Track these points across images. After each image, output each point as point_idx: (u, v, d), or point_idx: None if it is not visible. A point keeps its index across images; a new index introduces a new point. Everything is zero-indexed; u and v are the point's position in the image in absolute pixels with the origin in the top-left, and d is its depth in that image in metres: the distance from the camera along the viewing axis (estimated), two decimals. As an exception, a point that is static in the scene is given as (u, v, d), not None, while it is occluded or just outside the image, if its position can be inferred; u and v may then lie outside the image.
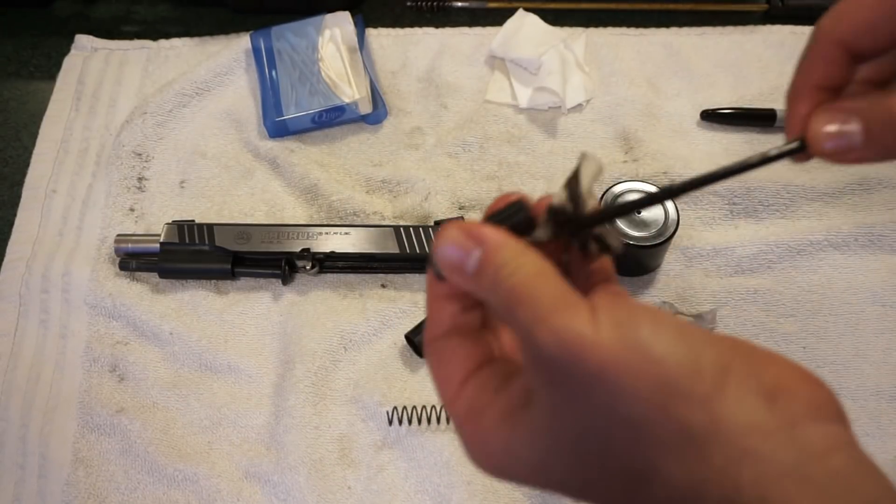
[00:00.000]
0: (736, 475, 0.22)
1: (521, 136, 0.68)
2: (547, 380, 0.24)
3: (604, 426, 0.23)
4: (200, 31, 0.76)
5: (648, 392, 0.22)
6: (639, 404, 0.22)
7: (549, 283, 0.24)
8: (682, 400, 0.22)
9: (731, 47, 0.73)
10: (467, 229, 0.26)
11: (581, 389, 0.23)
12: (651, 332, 0.23)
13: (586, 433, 0.24)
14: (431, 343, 0.29)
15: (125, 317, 0.60)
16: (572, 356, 0.23)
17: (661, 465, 0.23)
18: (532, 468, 0.26)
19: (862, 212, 0.63)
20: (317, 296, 0.61)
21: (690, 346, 0.23)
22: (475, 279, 0.25)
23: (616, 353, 0.22)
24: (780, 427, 0.22)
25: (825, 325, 0.59)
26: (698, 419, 0.22)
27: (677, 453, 0.22)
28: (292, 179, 0.66)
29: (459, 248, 0.26)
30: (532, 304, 0.24)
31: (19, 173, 0.68)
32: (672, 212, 0.58)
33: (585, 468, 0.24)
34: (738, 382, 0.23)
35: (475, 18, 0.77)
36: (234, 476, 0.54)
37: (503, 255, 0.25)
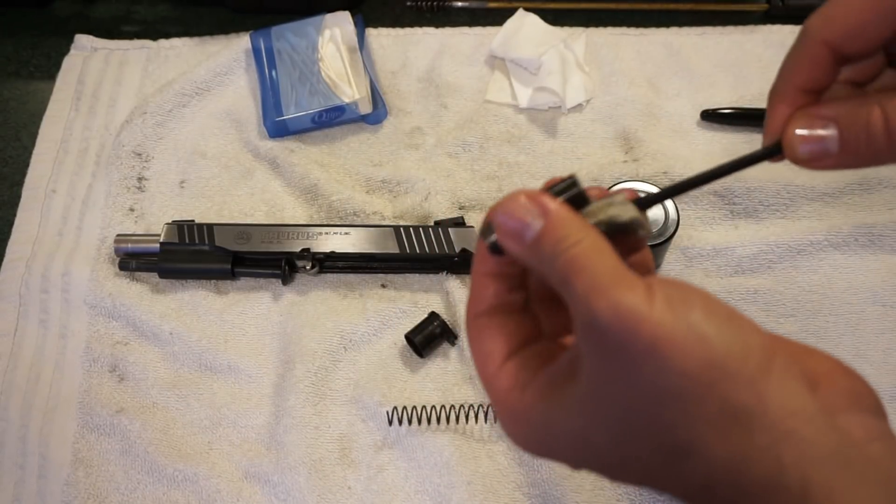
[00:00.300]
0: (779, 455, 0.22)
1: (521, 136, 0.68)
2: (599, 349, 0.24)
3: (651, 399, 0.24)
4: (200, 31, 0.76)
5: (698, 369, 0.23)
6: (688, 380, 0.23)
7: (609, 258, 0.25)
8: (729, 379, 0.23)
9: (732, 47, 0.73)
10: (531, 197, 0.26)
11: (632, 361, 0.23)
12: (703, 314, 0.23)
13: (633, 405, 0.24)
14: (474, 319, 0.29)
15: (125, 317, 0.60)
16: (627, 328, 0.23)
17: (704, 441, 0.23)
18: (573, 439, 0.26)
19: (862, 212, 0.63)
20: (317, 296, 0.61)
21: (739, 330, 0.24)
22: (532, 248, 0.26)
23: (669, 330, 0.23)
24: (821, 413, 0.23)
25: (825, 325, 0.59)
26: (744, 399, 0.23)
27: (722, 430, 0.23)
28: (292, 179, 0.66)
29: (521, 216, 0.26)
30: (591, 275, 0.24)
31: (19, 173, 0.68)
32: (672, 212, 0.58)
33: (628, 440, 0.25)
34: (782, 368, 0.23)
35: (475, 18, 0.77)
36: (234, 476, 0.54)
37: (565, 228, 0.25)
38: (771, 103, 0.30)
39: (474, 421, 0.55)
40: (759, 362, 0.23)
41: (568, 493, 0.52)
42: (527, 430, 0.27)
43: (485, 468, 0.54)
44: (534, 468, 0.53)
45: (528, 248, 0.26)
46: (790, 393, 0.23)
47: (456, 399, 0.56)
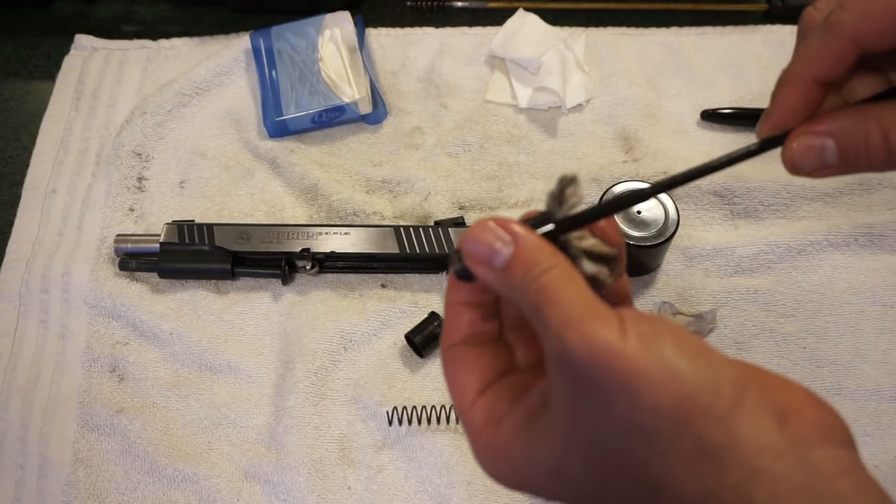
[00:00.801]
0: (750, 493, 0.22)
1: (521, 136, 0.68)
2: (571, 383, 0.24)
3: (624, 435, 0.24)
4: (200, 31, 0.76)
5: (670, 405, 0.23)
6: (660, 416, 0.23)
7: (580, 289, 0.25)
8: (701, 415, 0.23)
9: (731, 47, 0.73)
10: (501, 224, 0.26)
11: (604, 396, 0.23)
12: (675, 349, 0.23)
13: (606, 440, 0.24)
14: (448, 350, 0.29)
15: (125, 317, 0.60)
16: (600, 363, 0.23)
17: (675, 478, 0.23)
18: (549, 472, 0.26)
19: (862, 212, 0.63)
20: (317, 296, 0.61)
21: (710, 365, 0.24)
22: (503, 274, 0.26)
23: (641, 366, 0.23)
24: (791, 448, 0.23)
25: (825, 325, 0.59)
26: (716, 435, 0.23)
27: (693, 467, 0.23)
28: (292, 179, 0.66)
29: (490, 242, 0.26)
30: (563, 306, 0.24)
31: (19, 173, 0.68)
32: (672, 212, 0.58)
33: (601, 475, 0.25)
34: (753, 402, 0.23)
35: (475, 18, 0.77)
36: (234, 476, 0.54)
37: (536, 255, 0.25)
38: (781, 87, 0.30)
39: (474, 421, 0.55)
40: (731, 396, 0.23)
41: (568, 493, 0.52)
42: (502, 464, 0.27)
43: (485, 468, 0.54)
44: (534, 468, 0.53)
45: (497, 274, 0.26)
46: (761, 428, 0.23)
47: (456, 399, 0.56)
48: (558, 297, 0.24)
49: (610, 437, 0.24)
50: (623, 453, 0.24)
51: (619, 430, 0.24)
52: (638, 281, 0.61)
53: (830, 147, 0.29)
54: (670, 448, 0.23)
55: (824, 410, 0.25)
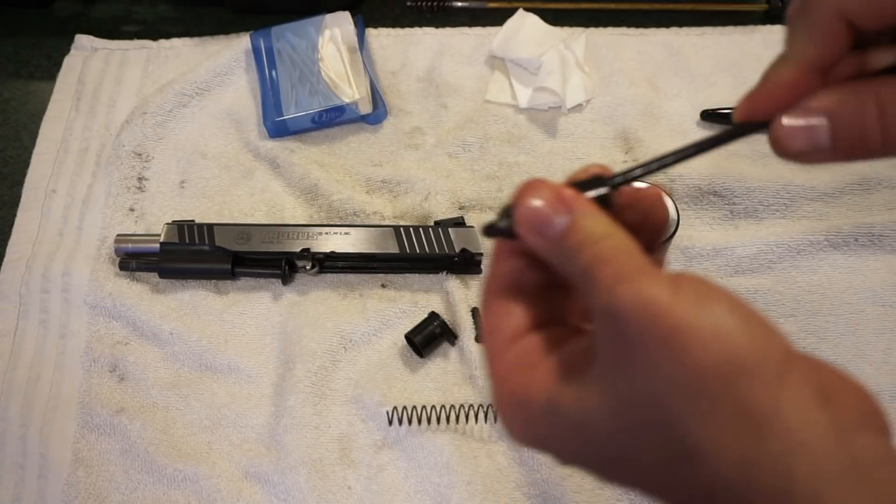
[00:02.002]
0: (791, 466, 0.21)
1: (521, 136, 0.68)
2: (615, 336, 0.23)
3: (663, 390, 0.23)
4: (200, 31, 0.76)
5: (715, 364, 0.22)
6: (703, 374, 0.22)
7: (636, 254, 0.24)
8: (747, 378, 0.22)
9: (731, 47, 0.73)
10: (558, 193, 0.26)
11: (649, 350, 0.23)
12: (726, 310, 0.23)
13: (643, 395, 0.23)
14: (489, 296, 0.28)
15: (125, 317, 0.60)
16: (648, 316, 0.22)
17: (713, 441, 0.22)
18: (573, 429, 0.25)
19: (862, 212, 0.63)
20: (317, 296, 0.61)
21: (761, 331, 0.23)
22: (557, 243, 0.25)
23: (690, 322, 0.22)
24: (833, 428, 0.22)
25: (825, 325, 0.59)
26: (761, 401, 0.22)
27: (733, 431, 0.22)
28: (292, 179, 0.66)
29: (545, 212, 0.25)
30: (617, 265, 0.24)
31: (19, 173, 0.68)
32: (672, 212, 0.58)
33: (632, 432, 0.24)
34: (799, 376, 0.23)
35: (475, 18, 0.77)
36: (234, 476, 0.54)
37: (592, 226, 0.25)
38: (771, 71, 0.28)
39: (474, 421, 0.55)
40: (778, 366, 0.22)
41: (568, 493, 0.52)
42: (524, 416, 0.26)
43: (485, 468, 0.54)
44: (534, 468, 0.53)
45: (551, 242, 0.25)
46: (805, 403, 0.22)
47: (456, 399, 0.56)
48: (613, 258, 0.24)
49: (648, 394, 0.23)
50: (660, 412, 0.23)
51: (660, 386, 0.23)
52: (638, 281, 0.61)
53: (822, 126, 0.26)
54: (711, 408, 0.22)
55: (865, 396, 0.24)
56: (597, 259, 0.24)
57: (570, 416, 0.25)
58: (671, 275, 0.23)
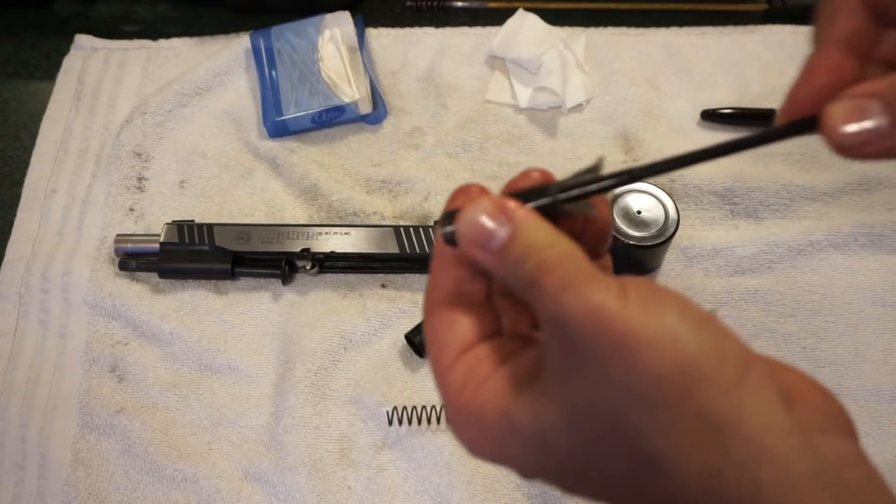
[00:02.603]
0: (755, 473, 0.21)
1: (521, 136, 0.68)
2: (565, 347, 0.23)
3: (619, 401, 0.22)
4: (200, 31, 0.76)
5: (670, 371, 0.21)
6: (659, 382, 0.21)
7: (582, 261, 0.23)
8: (704, 384, 0.21)
9: (731, 47, 0.73)
10: (499, 204, 0.25)
11: (600, 359, 0.22)
12: (678, 316, 0.22)
13: (599, 407, 0.22)
14: (431, 308, 0.27)
15: (125, 317, 0.60)
16: (597, 324, 0.22)
17: (674, 451, 0.21)
18: (530, 443, 0.24)
19: (862, 212, 0.63)
20: (317, 296, 0.61)
21: (715, 335, 0.22)
22: (498, 256, 0.24)
23: (641, 329, 0.21)
24: (797, 430, 0.22)
25: (825, 325, 0.59)
26: (719, 407, 0.21)
27: (693, 440, 0.21)
28: (292, 179, 0.66)
29: (486, 225, 0.24)
30: (563, 273, 0.23)
31: (19, 173, 0.68)
32: (672, 212, 0.58)
33: (590, 445, 0.23)
34: (758, 379, 0.22)
35: (475, 18, 0.77)
36: (234, 476, 0.54)
37: (535, 237, 0.24)
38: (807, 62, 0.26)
39: (474, 421, 0.55)
40: (735, 370, 0.22)
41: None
42: (478, 430, 0.25)
43: (485, 468, 0.54)
44: (534, 468, 0.53)
45: (493, 255, 0.24)
46: (766, 406, 0.22)
47: (456, 399, 0.56)
48: (559, 266, 0.23)
49: (604, 405, 0.22)
50: (617, 423, 0.22)
51: (615, 396, 0.22)
52: (638, 281, 0.61)
53: (875, 108, 0.24)
54: (669, 418, 0.21)
55: (828, 398, 0.24)
56: (541, 268, 0.23)
57: (527, 430, 0.24)
58: (618, 280, 0.23)
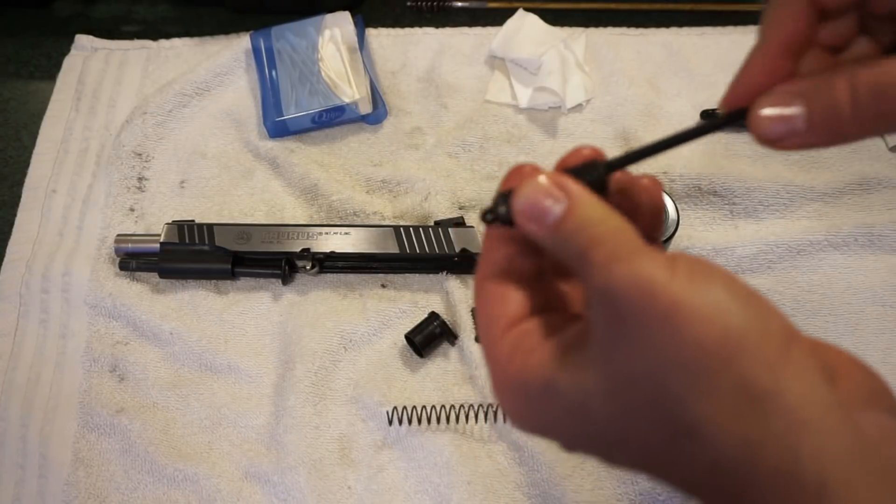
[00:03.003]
0: (795, 445, 0.21)
1: (521, 136, 0.68)
2: (612, 316, 0.23)
3: (662, 369, 0.22)
4: (200, 31, 0.76)
5: (714, 342, 0.22)
6: (703, 352, 0.22)
7: (632, 235, 0.24)
8: (748, 356, 0.22)
9: (731, 47, 0.73)
10: (554, 180, 0.26)
11: (646, 328, 0.22)
12: (724, 289, 0.22)
13: (642, 375, 0.23)
14: (482, 281, 0.28)
15: (125, 317, 0.60)
16: (644, 294, 0.22)
17: (715, 420, 0.22)
18: (573, 412, 0.25)
19: (862, 212, 0.63)
20: (317, 296, 0.61)
21: (760, 310, 0.23)
22: (553, 229, 0.25)
23: (687, 300, 0.22)
24: (839, 405, 0.22)
25: (825, 325, 0.59)
26: (762, 379, 0.21)
27: (735, 410, 0.22)
28: (292, 179, 0.66)
29: (542, 201, 0.25)
30: (612, 246, 0.24)
31: (19, 173, 0.68)
32: (672, 212, 0.58)
33: (631, 412, 0.23)
34: (801, 355, 0.22)
35: (475, 18, 0.77)
36: (234, 476, 0.54)
37: (590, 213, 0.25)
38: (747, 58, 0.28)
39: (474, 421, 0.55)
40: (779, 344, 0.22)
41: (568, 493, 0.52)
42: (524, 401, 0.26)
43: (485, 468, 0.54)
44: (534, 468, 0.53)
45: (549, 229, 0.25)
46: (808, 381, 0.22)
47: (456, 399, 0.56)
48: (607, 240, 0.24)
49: (647, 373, 0.23)
50: (659, 391, 0.22)
51: (658, 365, 0.22)
52: (638, 281, 0.61)
53: (798, 110, 0.26)
54: (711, 386, 0.22)
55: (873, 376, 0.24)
56: (592, 241, 0.24)
57: (569, 398, 0.24)
58: (668, 254, 0.23)
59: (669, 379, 0.22)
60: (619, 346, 0.23)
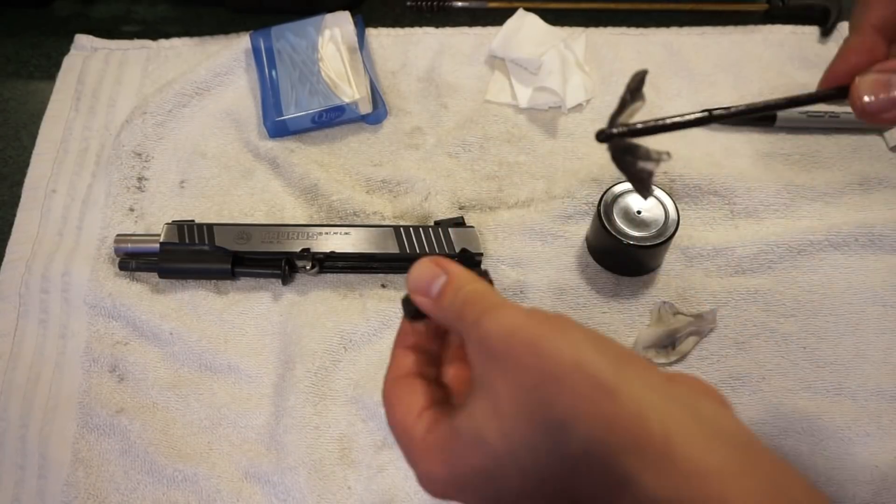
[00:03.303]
0: (643, 420, 0.26)
1: (521, 136, 0.68)
2: (486, 356, 0.29)
3: (533, 382, 0.28)
4: (200, 31, 0.76)
5: (570, 356, 0.27)
6: (559, 363, 0.27)
7: (495, 294, 0.32)
8: (594, 361, 0.27)
9: (732, 47, 0.73)
10: (435, 261, 0.33)
11: (514, 357, 0.28)
12: (570, 323, 0.29)
13: (517, 392, 0.28)
14: (392, 381, 0.34)
15: (125, 317, 0.60)
16: (508, 333, 0.29)
17: (579, 410, 0.27)
18: (470, 444, 0.29)
19: (862, 212, 0.63)
20: (317, 296, 0.61)
21: (599, 335, 0.29)
22: (438, 299, 0.32)
23: (542, 331, 0.28)
24: (676, 395, 0.27)
25: (826, 325, 0.59)
26: (608, 376, 0.27)
27: (592, 399, 0.27)
28: (292, 179, 0.66)
29: (428, 275, 0.33)
30: (482, 303, 0.31)
31: (19, 173, 0.68)
32: (672, 212, 0.58)
33: (516, 427, 0.28)
34: (638, 364, 0.28)
35: (475, 18, 0.77)
36: (234, 476, 0.54)
37: (461, 279, 0.32)
38: (844, 42, 0.33)
39: (474, 421, 0.55)
40: (617, 358, 0.28)
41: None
42: (435, 456, 0.30)
43: (485, 468, 0.53)
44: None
45: (435, 299, 0.32)
46: (647, 376, 0.28)
47: (456, 399, 0.56)
48: (479, 298, 0.31)
49: (521, 390, 0.28)
50: (532, 399, 0.27)
51: (528, 381, 0.27)
52: (638, 281, 0.61)
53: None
54: (571, 383, 0.27)
55: (701, 381, 0.30)
56: (466, 301, 0.31)
57: (466, 431, 0.29)
58: (525, 307, 0.30)
59: (539, 388, 0.27)
60: (495, 377, 0.29)
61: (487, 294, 0.31)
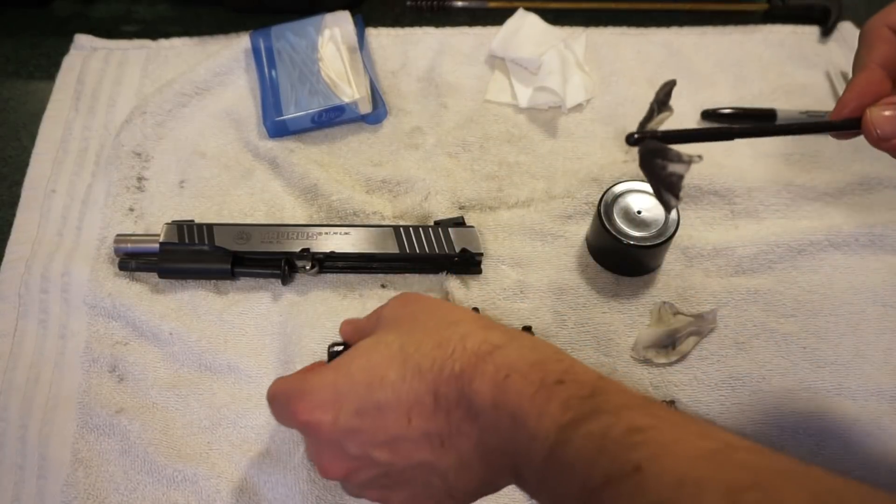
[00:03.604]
0: (459, 339, 0.37)
1: (521, 135, 0.68)
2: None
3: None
4: (200, 31, 0.76)
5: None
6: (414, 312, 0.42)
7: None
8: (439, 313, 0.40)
9: (732, 47, 0.73)
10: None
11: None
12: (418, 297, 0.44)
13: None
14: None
15: (125, 317, 0.60)
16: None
17: (422, 344, 0.38)
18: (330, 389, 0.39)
19: (862, 212, 0.63)
20: (317, 296, 0.61)
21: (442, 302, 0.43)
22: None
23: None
24: (503, 327, 0.39)
25: (826, 325, 0.59)
26: (454, 314, 0.40)
27: (438, 337, 0.38)
28: (292, 179, 0.66)
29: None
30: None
31: (19, 173, 0.68)
32: (672, 212, 0.58)
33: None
34: (472, 317, 0.40)
35: (475, 18, 0.77)
36: (234, 476, 0.54)
37: None
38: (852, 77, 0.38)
39: (474, 421, 0.55)
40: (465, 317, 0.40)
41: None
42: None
43: (485, 468, 0.53)
44: (534, 468, 0.53)
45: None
46: (479, 322, 0.39)
47: (456, 399, 0.56)
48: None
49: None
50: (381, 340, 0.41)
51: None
52: (638, 281, 0.61)
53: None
54: (421, 326, 0.40)
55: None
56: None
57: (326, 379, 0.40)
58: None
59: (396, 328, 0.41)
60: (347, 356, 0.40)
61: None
